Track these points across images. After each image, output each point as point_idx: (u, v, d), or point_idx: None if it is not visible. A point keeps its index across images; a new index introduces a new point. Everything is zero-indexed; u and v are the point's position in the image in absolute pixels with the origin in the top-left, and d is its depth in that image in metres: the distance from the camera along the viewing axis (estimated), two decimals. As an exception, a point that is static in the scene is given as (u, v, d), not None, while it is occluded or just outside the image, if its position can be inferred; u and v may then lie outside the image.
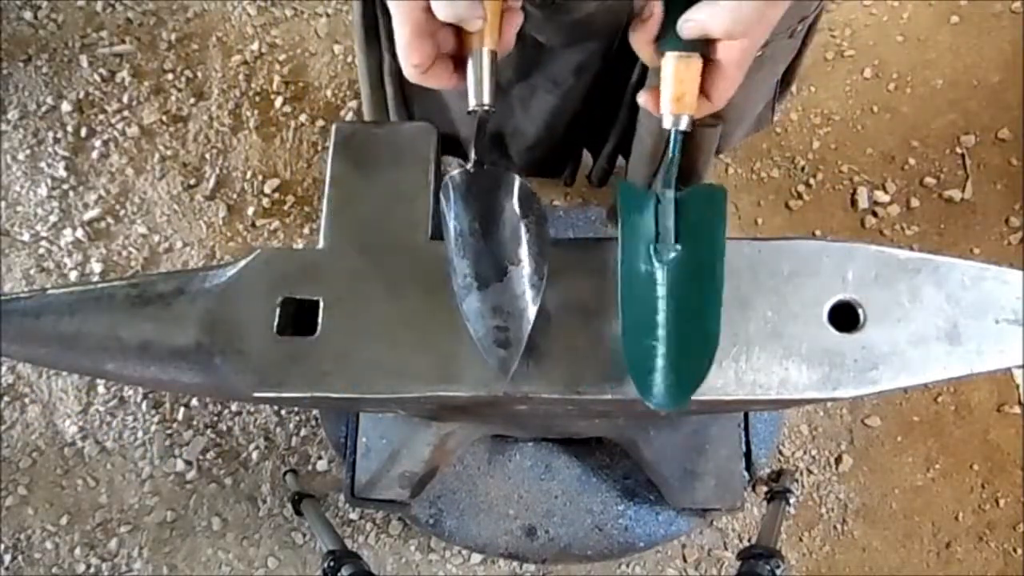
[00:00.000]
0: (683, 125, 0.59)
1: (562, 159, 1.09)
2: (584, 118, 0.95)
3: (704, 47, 0.56)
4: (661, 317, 0.60)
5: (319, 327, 0.63)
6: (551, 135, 0.96)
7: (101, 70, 1.70)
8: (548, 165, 1.07)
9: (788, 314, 0.62)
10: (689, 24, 0.54)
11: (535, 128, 0.95)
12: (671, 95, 0.58)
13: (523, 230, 0.61)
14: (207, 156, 1.66)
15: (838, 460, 1.50)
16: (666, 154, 0.61)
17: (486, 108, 0.58)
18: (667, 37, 0.56)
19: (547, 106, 0.90)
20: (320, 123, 1.68)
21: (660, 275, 0.61)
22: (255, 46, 1.72)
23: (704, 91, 0.58)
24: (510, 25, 0.58)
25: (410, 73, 0.57)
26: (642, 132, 0.94)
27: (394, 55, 0.86)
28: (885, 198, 1.62)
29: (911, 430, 1.52)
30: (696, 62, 0.56)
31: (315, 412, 1.49)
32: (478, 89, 0.58)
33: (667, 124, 0.59)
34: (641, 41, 0.58)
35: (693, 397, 0.61)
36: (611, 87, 0.87)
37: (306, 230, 1.62)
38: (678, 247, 0.61)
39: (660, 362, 0.59)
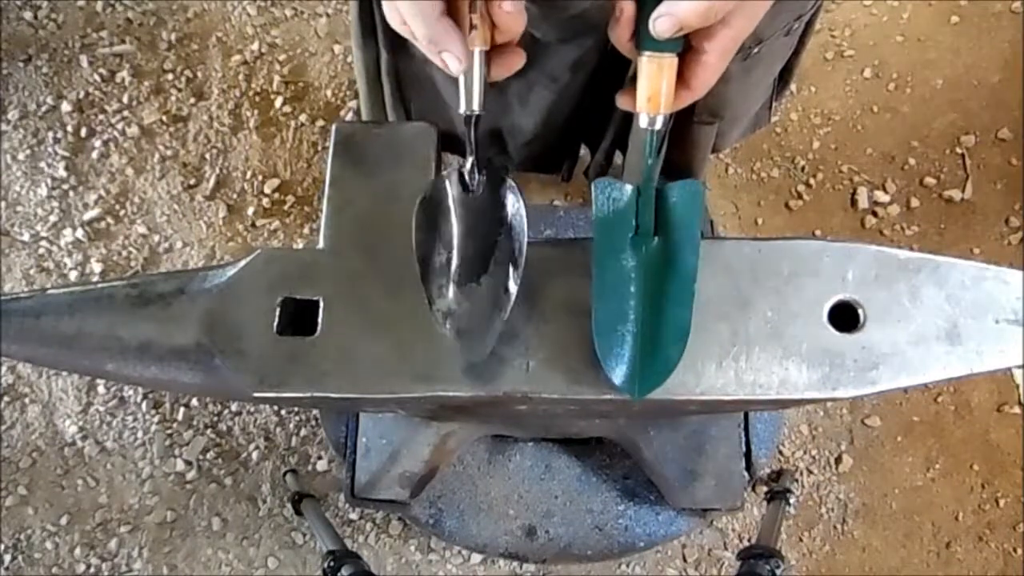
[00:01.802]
0: (658, 125, 0.59)
1: (560, 154, 1.09)
2: (581, 113, 0.95)
3: (684, 39, 0.56)
4: (634, 307, 0.60)
5: (319, 327, 0.63)
6: (548, 131, 0.96)
7: (101, 70, 1.70)
8: (546, 160, 1.08)
9: (788, 314, 0.62)
10: (662, 19, 0.53)
11: (533, 124, 0.95)
12: (644, 96, 0.58)
13: (498, 240, 0.62)
14: (207, 156, 1.66)
15: (838, 460, 1.50)
16: (646, 152, 0.61)
17: (477, 113, 0.59)
18: (642, 36, 0.56)
19: (544, 102, 0.90)
20: (320, 123, 1.68)
21: (636, 267, 0.61)
22: (255, 46, 1.72)
23: (685, 80, 0.58)
24: (510, 62, 0.58)
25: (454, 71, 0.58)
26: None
27: (391, 52, 0.87)
28: (885, 198, 1.62)
29: (911, 430, 1.52)
30: (670, 61, 0.56)
31: (315, 412, 1.49)
32: (468, 95, 0.58)
33: (642, 124, 0.59)
34: (619, 41, 0.58)
35: (692, 396, 0.61)
36: (608, 82, 0.87)
37: (306, 230, 1.62)
38: (656, 240, 0.61)
39: (631, 350, 0.59)
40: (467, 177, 0.63)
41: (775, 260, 0.64)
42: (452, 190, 0.63)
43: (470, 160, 0.63)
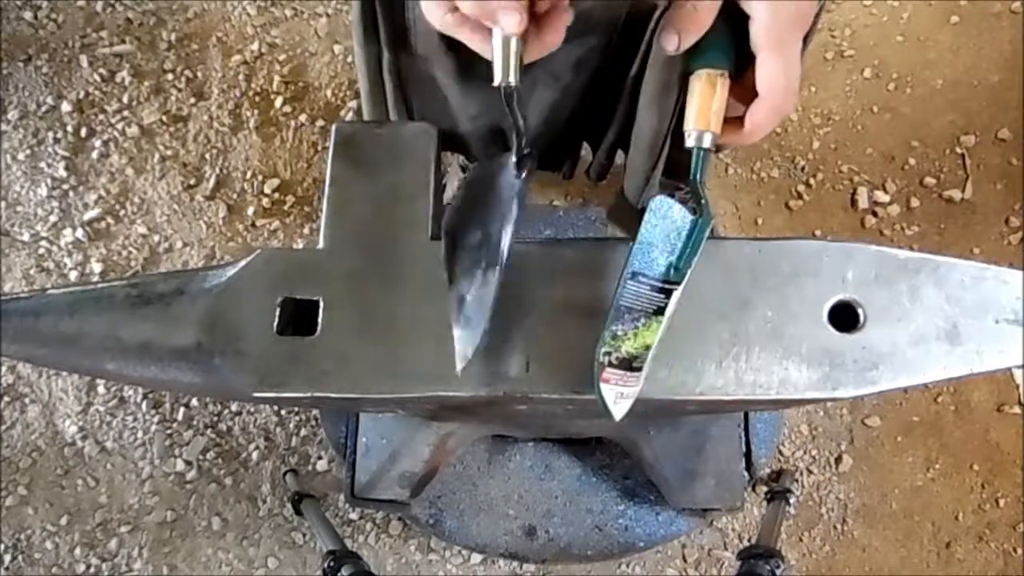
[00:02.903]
0: (706, 143, 0.58)
1: (561, 153, 1.09)
2: (583, 112, 0.95)
3: (732, 54, 0.55)
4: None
5: (319, 327, 0.63)
6: (550, 129, 0.96)
7: (101, 70, 1.70)
8: (547, 159, 1.08)
9: (788, 314, 0.62)
10: (663, 33, 0.53)
11: (534, 122, 0.95)
12: (694, 112, 0.57)
13: (494, 230, 0.61)
14: (207, 156, 1.66)
15: (838, 460, 1.50)
16: (692, 174, 0.59)
17: (515, 86, 0.56)
18: (693, 55, 0.56)
19: (546, 100, 0.90)
20: (320, 123, 1.68)
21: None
22: (255, 46, 1.72)
23: (756, 88, 0.57)
24: (559, 23, 0.55)
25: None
26: (641, 126, 0.94)
27: (392, 51, 0.86)
28: (885, 198, 1.62)
29: (911, 430, 1.52)
30: (720, 79, 0.56)
31: (315, 412, 1.49)
32: (504, 66, 0.55)
33: (689, 142, 0.58)
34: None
35: (692, 396, 0.61)
36: (610, 81, 0.87)
37: (306, 230, 1.62)
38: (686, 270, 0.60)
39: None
40: (516, 158, 0.61)
41: (775, 260, 0.64)
42: (501, 173, 0.61)
43: (515, 140, 0.60)
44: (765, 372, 0.61)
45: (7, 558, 1.46)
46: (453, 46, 0.82)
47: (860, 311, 0.62)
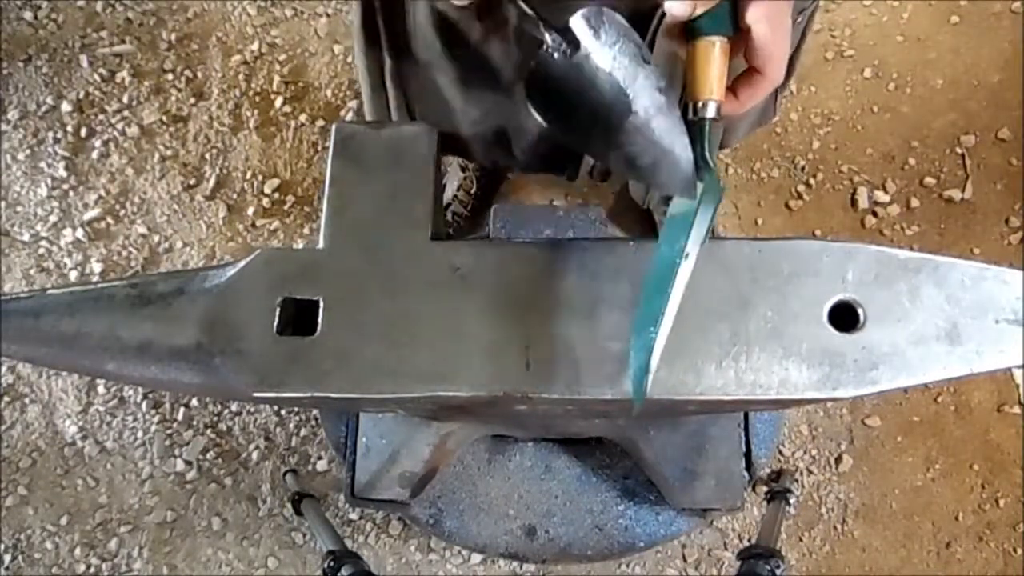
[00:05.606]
0: (711, 112, 0.57)
1: (564, 155, 1.09)
2: None
3: (731, 22, 0.55)
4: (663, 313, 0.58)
5: (319, 327, 0.63)
6: (553, 132, 0.96)
7: (101, 70, 1.70)
8: (551, 162, 1.08)
9: (788, 314, 0.62)
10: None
11: (537, 125, 0.94)
12: (697, 80, 0.56)
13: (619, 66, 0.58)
14: (207, 156, 1.66)
15: (838, 460, 1.50)
16: (697, 147, 0.58)
17: None
18: (695, 22, 0.55)
19: None
20: (320, 123, 1.68)
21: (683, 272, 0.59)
22: (255, 46, 1.72)
23: (753, 65, 0.57)
24: None
25: None
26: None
27: (394, 57, 0.87)
28: (885, 198, 1.62)
29: (911, 430, 1.52)
30: (720, 44, 0.55)
31: (315, 412, 1.49)
32: None
33: (690, 113, 0.57)
34: (671, 35, 0.57)
35: (692, 396, 0.61)
36: None
37: (306, 230, 1.62)
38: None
39: (645, 356, 0.57)
40: (554, 41, 0.58)
41: (775, 260, 0.64)
42: (555, 58, 0.59)
43: (544, 29, 0.58)
44: (765, 372, 0.61)
45: (7, 558, 1.46)
46: (454, 52, 0.82)
47: (860, 311, 0.62)
